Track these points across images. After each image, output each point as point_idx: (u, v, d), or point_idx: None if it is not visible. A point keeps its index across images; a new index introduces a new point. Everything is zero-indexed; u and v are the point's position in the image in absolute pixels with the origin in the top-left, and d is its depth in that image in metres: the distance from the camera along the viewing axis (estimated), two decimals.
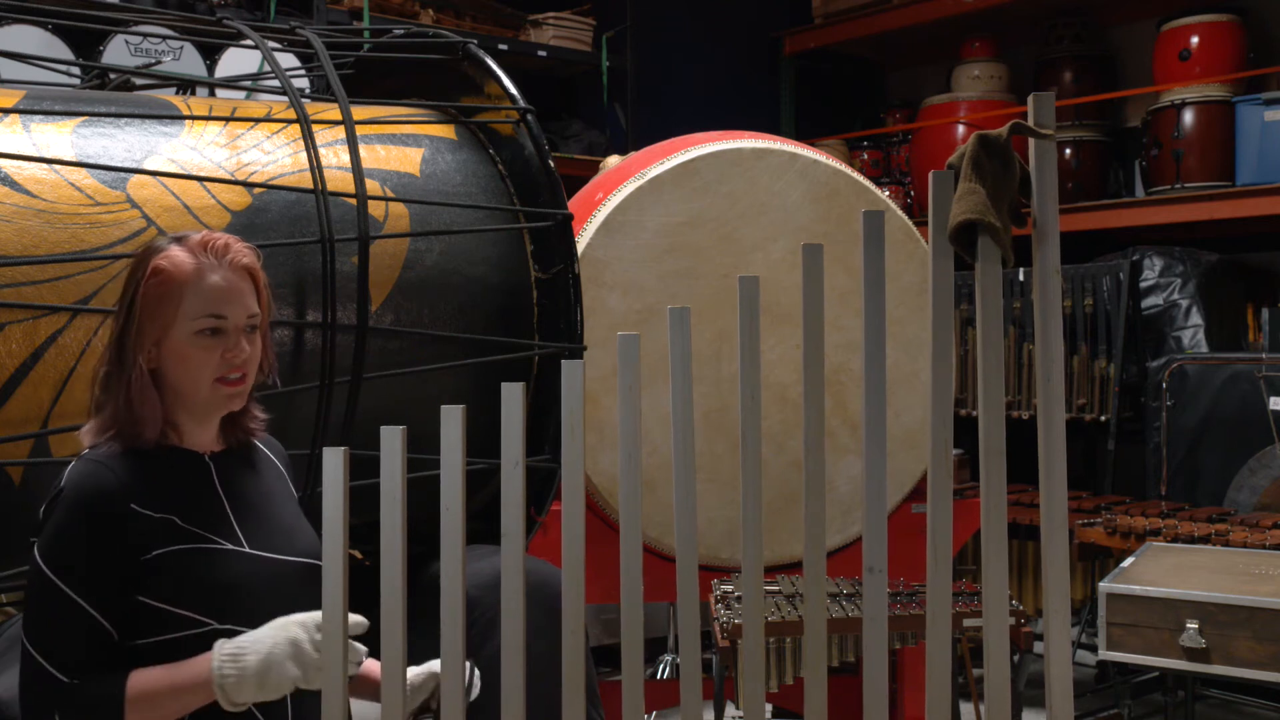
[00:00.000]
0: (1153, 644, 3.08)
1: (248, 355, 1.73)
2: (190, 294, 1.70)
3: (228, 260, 1.73)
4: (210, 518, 1.73)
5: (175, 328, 1.70)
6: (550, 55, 6.06)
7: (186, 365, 1.70)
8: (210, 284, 1.71)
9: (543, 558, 2.64)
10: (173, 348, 1.70)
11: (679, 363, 1.68)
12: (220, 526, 1.74)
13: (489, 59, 2.91)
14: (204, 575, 1.68)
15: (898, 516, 3.78)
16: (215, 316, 1.70)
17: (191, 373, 1.71)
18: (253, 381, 1.78)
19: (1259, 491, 4.53)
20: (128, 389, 1.70)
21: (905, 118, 6.94)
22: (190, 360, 1.70)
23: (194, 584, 1.67)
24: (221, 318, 1.71)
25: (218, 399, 1.74)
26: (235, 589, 1.70)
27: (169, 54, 4.28)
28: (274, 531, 1.79)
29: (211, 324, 1.70)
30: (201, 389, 1.72)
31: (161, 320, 1.70)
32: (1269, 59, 5.63)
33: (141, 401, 1.70)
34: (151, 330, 1.70)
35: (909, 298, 3.78)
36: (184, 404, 1.74)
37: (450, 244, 2.67)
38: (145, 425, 1.70)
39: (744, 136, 3.79)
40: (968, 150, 1.75)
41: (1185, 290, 5.19)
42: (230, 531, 1.74)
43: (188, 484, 1.74)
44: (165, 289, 1.70)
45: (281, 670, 1.61)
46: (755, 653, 1.75)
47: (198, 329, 1.70)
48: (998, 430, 1.73)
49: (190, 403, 1.74)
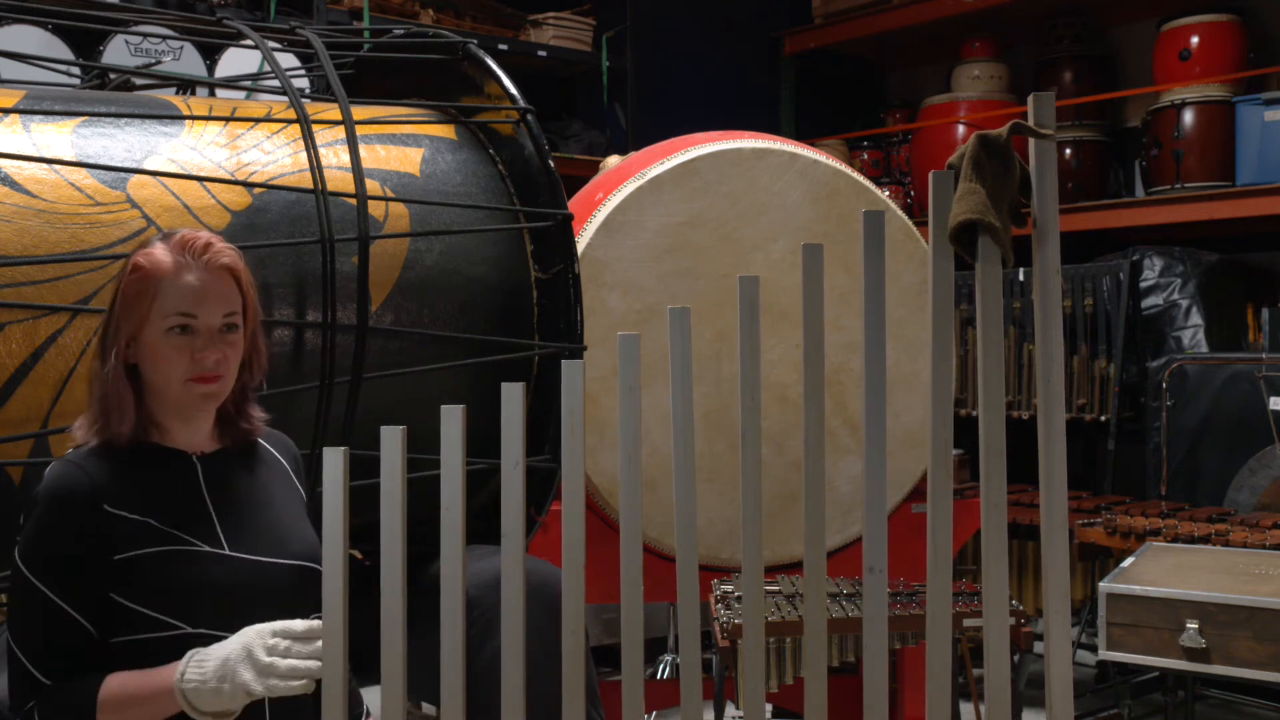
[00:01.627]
0: (1153, 644, 3.08)
1: (221, 357, 1.71)
2: (164, 292, 1.70)
3: (205, 260, 1.72)
4: (188, 519, 1.72)
5: (149, 325, 1.70)
6: (550, 55, 6.06)
7: (158, 363, 1.70)
8: (184, 283, 1.70)
9: (543, 558, 2.64)
10: (146, 344, 1.71)
11: (679, 363, 1.68)
12: (198, 528, 1.72)
13: (489, 59, 2.91)
14: (175, 577, 1.67)
15: (898, 516, 3.78)
16: (185, 315, 1.70)
17: (163, 370, 1.70)
18: (232, 381, 1.77)
19: (1259, 491, 4.53)
20: (104, 384, 1.71)
21: (905, 118, 6.94)
22: (161, 358, 1.70)
23: (165, 586, 1.66)
24: (191, 316, 1.70)
25: (190, 398, 1.72)
26: (209, 592, 1.68)
27: (169, 54, 4.28)
28: (265, 533, 1.77)
29: (181, 322, 1.70)
30: (173, 387, 1.71)
31: (136, 316, 1.70)
32: (1269, 59, 5.63)
33: (116, 396, 1.70)
34: (127, 326, 1.70)
35: (909, 298, 3.78)
36: (161, 402, 1.74)
37: (450, 244, 2.67)
38: (119, 421, 1.70)
39: (744, 136, 3.79)
40: (968, 150, 1.75)
41: (1185, 290, 5.19)
42: (209, 533, 1.72)
43: (168, 484, 1.73)
44: (141, 285, 1.70)
45: (235, 676, 1.58)
46: (755, 653, 1.75)
47: (168, 326, 1.69)
48: (998, 430, 1.73)
49: (166, 401, 1.74)
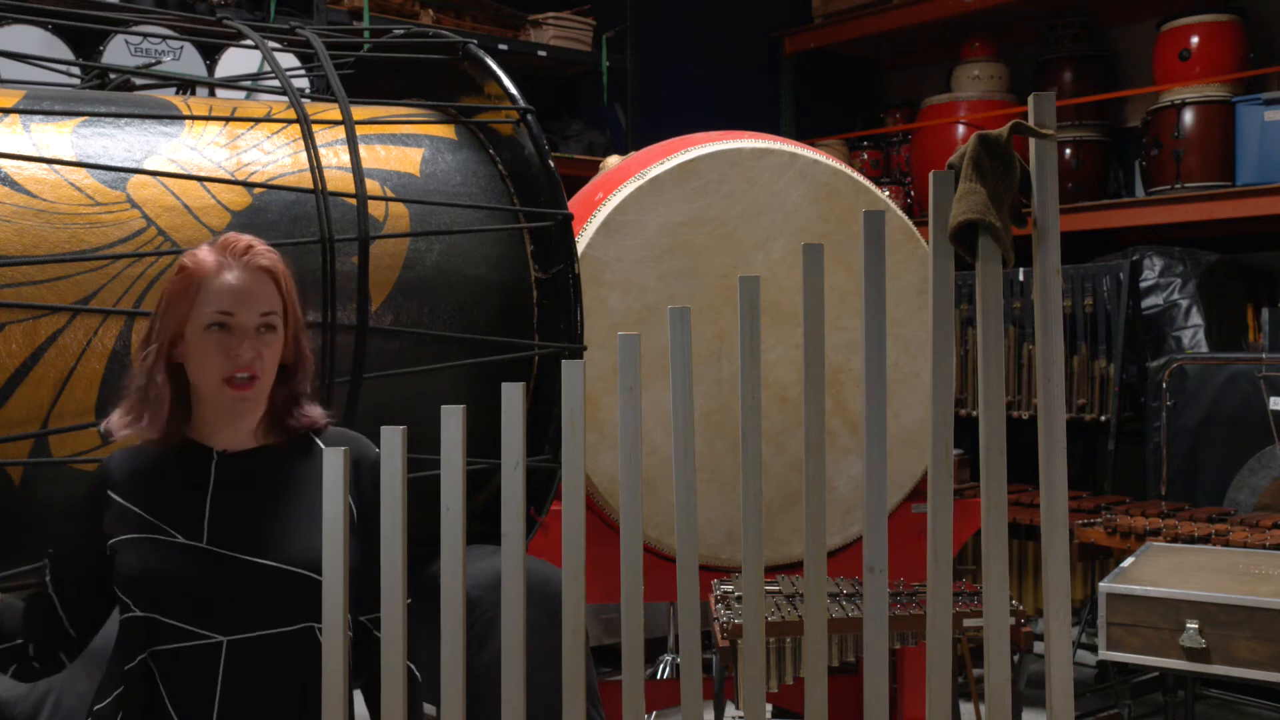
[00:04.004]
0: (1153, 644, 3.08)
1: (256, 355, 1.74)
2: (205, 290, 1.74)
3: (244, 260, 1.77)
4: (174, 509, 1.75)
5: (190, 323, 1.74)
6: (550, 55, 6.06)
7: (196, 361, 1.75)
8: (223, 281, 1.75)
9: (543, 558, 2.64)
10: (188, 343, 1.75)
11: (679, 363, 1.68)
12: (181, 520, 1.74)
13: (489, 59, 2.91)
14: (137, 563, 1.72)
15: (898, 516, 3.77)
16: (223, 313, 1.73)
17: (200, 368, 1.74)
18: (269, 384, 1.78)
19: (1259, 491, 4.52)
20: (143, 380, 1.77)
21: (905, 118, 6.94)
22: (199, 355, 1.74)
23: (134, 572, 1.71)
24: (229, 314, 1.73)
25: (224, 400, 1.75)
26: (164, 579, 1.70)
27: (169, 54, 4.28)
28: (259, 533, 1.75)
29: (219, 319, 1.73)
30: (209, 386, 1.75)
31: (178, 314, 1.75)
32: (1269, 59, 5.63)
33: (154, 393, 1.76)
34: (172, 324, 1.75)
35: (909, 298, 3.78)
36: (202, 402, 1.78)
37: (450, 244, 2.67)
38: (153, 418, 1.76)
39: (744, 136, 3.79)
40: (968, 150, 1.75)
41: (1185, 290, 5.19)
42: (191, 526, 1.74)
43: (174, 476, 1.77)
44: (185, 285, 1.75)
45: None
46: (755, 653, 1.75)
47: (206, 324, 1.73)
48: (998, 430, 1.73)
49: (207, 401, 1.77)
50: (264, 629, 1.70)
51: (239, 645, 1.70)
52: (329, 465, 1.61)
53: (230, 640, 1.69)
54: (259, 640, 1.70)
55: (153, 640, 1.70)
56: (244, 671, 1.70)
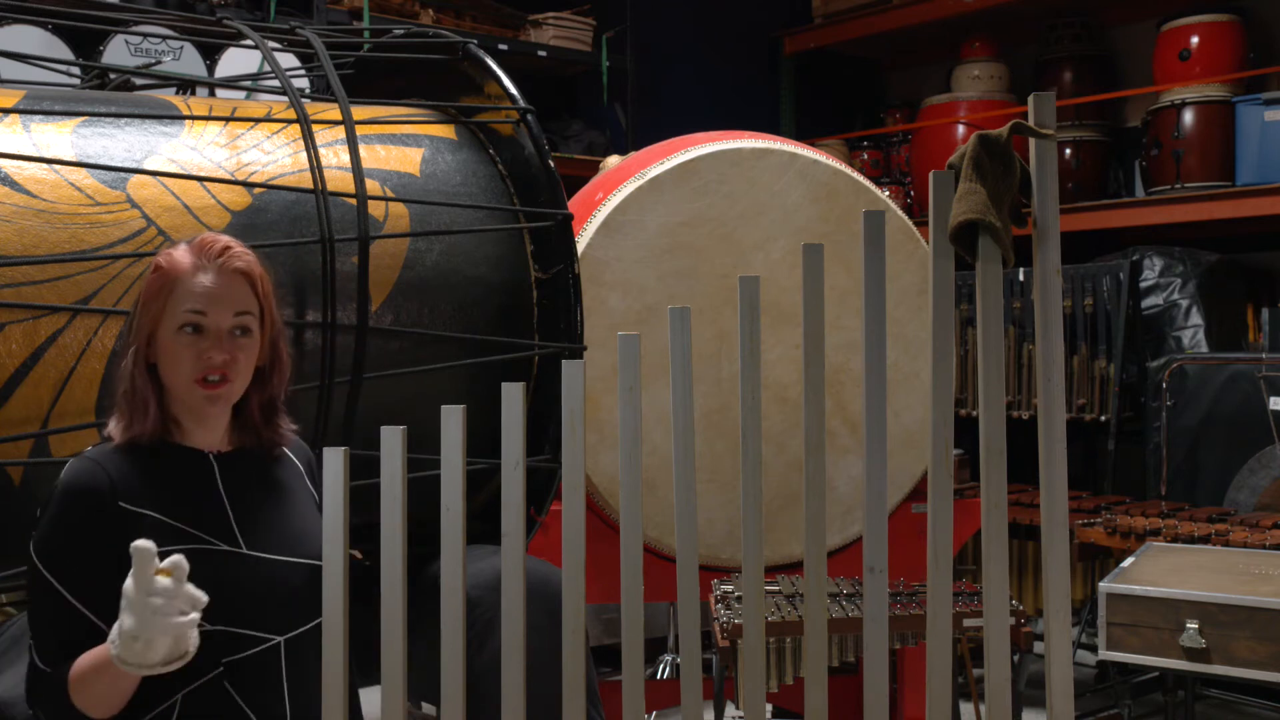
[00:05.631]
0: (1153, 644, 3.08)
1: (229, 358, 1.73)
2: (178, 290, 1.73)
3: (220, 262, 1.75)
4: (206, 518, 1.74)
5: (163, 323, 1.73)
6: (550, 55, 6.06)
7: (168, 361, 1.73)
8: (197, 282, 1.73)
9: (543, 558, 2.64)
10: (161, 343, 1.73)
11: (679, 363, 1.68)
12: (216, 527, 1.74)
13: (489, 59, 2.91)
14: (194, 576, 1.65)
15: (898, 516, 3.77)
16: (196, 313, 1.72)
17: (173, 368, 1.73)
18: (242, 387, 1.78)
19: (1259, 491, 4.52)
20: (128, 382, 1.75)
21: (905, 118, 6.93)
22: (170, 356, 1.73)
23: None
24: (201, 314, 1.72)
25: (195, 400, 1.74)
26: (227, 591, 1.69)
27: (169, 54, 4.28)
28: (282, 534, 1.79)
29: (192, 320, 1.72)
30: (181, 386, 1.74)
31: (153, 314, 1.73)
32: (1269, 59, 5.63)
33: (140, 394, 1.74)
34: (146, 324, 1.74)
35: (909, 298, 3.78)
36: (175, 401, 1.77)
37: (450, 244, 2.67)
38: (142, 419, 1.73)
39: (744, 136, 3.79)
40: (968, 150, 1.75)
41: (1185, 290, 5.19)
42: (227, 532, 1.75)
43: (186, 483, 1.76)
44: (159, 284, 1.74)
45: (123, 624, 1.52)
46: (755, 653, 1.75)
47: (179, 325, 1.72)
48: (998, 430, 1.73)
49: (178, 400, 1.76)
50: (304, 624, 1.76)
51: (292, 642, 1.75)
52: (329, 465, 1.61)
53: (286, 639, 1.75)
54: (305, 635, 1.76)
55: (225, 652, 1.70)
56: (300, 667, 1.75)
